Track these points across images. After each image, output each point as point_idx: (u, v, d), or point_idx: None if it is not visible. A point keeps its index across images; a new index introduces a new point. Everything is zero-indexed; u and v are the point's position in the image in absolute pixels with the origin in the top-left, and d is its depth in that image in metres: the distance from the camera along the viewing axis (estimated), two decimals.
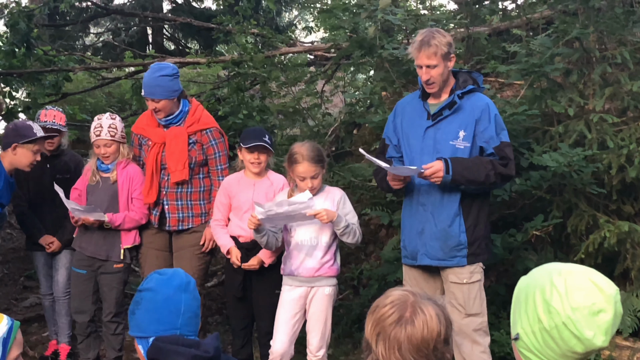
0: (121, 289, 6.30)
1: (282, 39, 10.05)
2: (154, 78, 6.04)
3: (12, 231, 10.02)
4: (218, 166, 6.18)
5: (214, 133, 6.19)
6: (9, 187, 6.20)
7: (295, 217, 5.41)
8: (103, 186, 6.24)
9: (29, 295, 8.45)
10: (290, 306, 5.60)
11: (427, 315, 2.56)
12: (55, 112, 6.80)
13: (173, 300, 3.26)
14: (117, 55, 18.27)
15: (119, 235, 6.20)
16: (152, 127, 6.24)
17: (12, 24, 9.35)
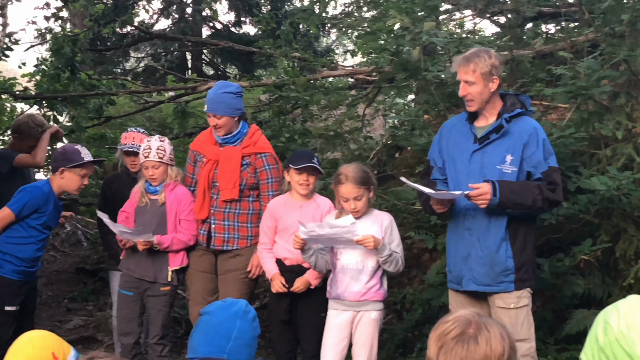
0: (168, 311, 6.29)
1: (324, 62, 10.08)
2: (217, 94, 6.10)
3: (55, 254, 10.12)
4: (269, 191, 6.15)
5: (269, 158, 6.19)
6: (57, 211, 6.26)
7: (338, 240, 5.38)
8: (151, 208, 6.25)
9: (73, 317, 8.49)
10: (337, 331, 5.56)
11: (491, 334, 2.52)
12: (135, 133, 6.79)
13: (226, 325, 3.34)
14: (156, 80, 18.45)
15: (166, 257, 6.19)
16: (208, 145, 6.27)
17: (57, 48, 9.48)
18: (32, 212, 6.11)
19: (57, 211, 6.29)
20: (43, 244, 6.30)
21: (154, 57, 20.18)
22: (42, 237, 6.23)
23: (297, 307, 5.86)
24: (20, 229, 6.13)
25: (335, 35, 21.46)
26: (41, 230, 6.18)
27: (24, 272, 6.14)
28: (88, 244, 10.65)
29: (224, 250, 6.21)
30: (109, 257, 7.04)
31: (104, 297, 8.72)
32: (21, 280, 6.14)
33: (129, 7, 17.62)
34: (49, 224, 6.22)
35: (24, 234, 6.13)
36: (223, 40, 14.36)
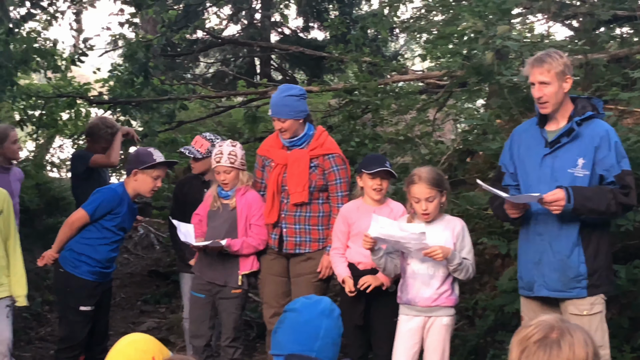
0: (239, 314, 6.32)
1: (395, 66, 10.06)
2: (281, 98, 6.14)
3: (129, 256, 10.26)
4: (338, 193, 6.16)
5: (337, 159, 6.19)
6: (131, 213, 6.35)
7: (405, 245, 5.34)
8: (223, 212, 6.29)
9: (146, 320, 8.59)
10: (408, 336, 5.52)
11: (574, 339, 2.49)
12: (198, 137, 6.88)
13: (314, 324, 3.31)
14: (225, 85, 18.61)
15: (237, 261, 6.23)
16: (275, 149, 6.30)
17: (131, 53, 9.62)
18: (106, 214, 6.21)
19: (132, 213, 6.38)
20: (117, 246, 6.40)
21: (223, 62, 20.35)
22: (116, 239, 6.32)
23: (370, 312, 5.84)
24: (94, 230, 6.23)
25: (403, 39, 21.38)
26: (115, 231, 6.27)
27: (98, 273, 6.23)
28: (160, 247, 10.78)
29: (296, 253, 6.23)
30: (180, 259, 7.11)
31: (176, 300, 8.81)
32: (96, 281, 6.23)
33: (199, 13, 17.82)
34: (123, 225, 6.31)
35: (98, 235, 6.23)
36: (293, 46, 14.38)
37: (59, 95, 11.41)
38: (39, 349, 7.82)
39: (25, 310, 7.70)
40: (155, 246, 10.89)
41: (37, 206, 9.70)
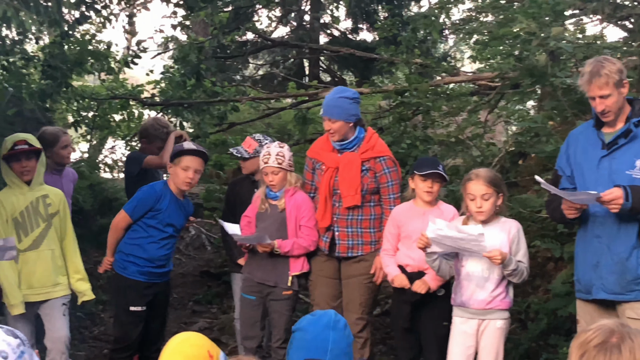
0: (290, 315, 6.34)
1: (446, 68, 10.03)
2: (334, 99, 6.16)
3: (181, 257, 10.34)
4: (390, 195, 6.16)
5: (388, 162, 6.18)
6: (179, 208, 6.38)
7: (462, 247, 5.32)
8: (271, 214, 6.30)
9: (198, 320, 8.65)
10: (463, 339, 5.51)
11: (635, 343, 2.47)
12: (247, 138, 6.93)
13: (321, 338, 3.42)
14: (274, 87, 18.67)
15: (287, 262, 6.24)
16: (326, 152, 6.30)
17: (183, 56, 9.71)
18: (147, 212, 6.25)
19: (180, 209, 6.37)
20: (166, 243, 6.36)
21: (272, 64, 20.43)
22: (163, 236, 6.31)
23: (420, 314, 5.83)
24: (139, 229, 6.29)
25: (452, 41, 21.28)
26: (161, 229, 6.28)
27: (148, 273, 6.26)
28: (212, 248, 10.85)
29: (349, 256, 6.24)
30: (231, 260, 7.14)
31: (228, 300, 8.86)
32: (147, 281, 6.27)
33: (248, 15, 17.92)
34: (168, 221, 6.29)
35: (143, 234, 6.28)
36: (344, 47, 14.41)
37: (112, 97, 11.56)
38: (92, 348, 7.92)
39: (80, 310, 7.79)
40: (206, 247, 10.96)
41: (91, 206, 9.82)
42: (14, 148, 5.99)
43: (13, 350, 3.01)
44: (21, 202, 6.01)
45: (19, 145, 5.99)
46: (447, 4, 9.88)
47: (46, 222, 6.06)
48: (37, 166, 6.07)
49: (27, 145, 6.01)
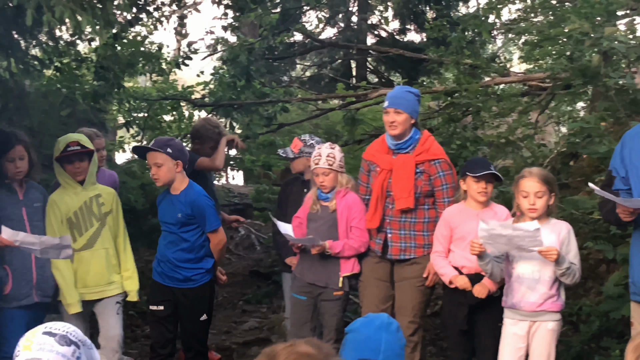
0: (341, 315, 6.34)
1: (496, 68, 9.97)
2: (401, 91, 6.21)
3: (230, 256, 10.40)
4: (444, 198, 6.11)
5: (443, 165, 6.13)
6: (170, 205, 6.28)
7: (517, 245, 5.27)
8: (322, 215, 6.30)
9: (248, 319, 8.69)
10: (514, 341, 5.48)
11: None
12: (295, 139, 6.93)
13: (373, 339, 3.41)
14: (321, 88, 18.69)
15: (338, 263, 6.24)
16: (381, 154, 6.27)
17: (233, 57, 9.78)
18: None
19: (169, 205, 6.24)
20: (170, 241, 6.22)
21: (319, 65, 20.46)
22: (166, 235, 6.28)
23: (474, 316, 5.81)
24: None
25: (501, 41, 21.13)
26: (163, 228, 6.31)
27: (161, 274, 6.25)
28: (261, 248, 10.91)
29: (401, 259, 6.22)
30: (281, 259, 7.16)
31: (277, 300, 8.90)
32: (162, 282, 6.26)
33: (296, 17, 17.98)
34: (162, 219, 6.29)
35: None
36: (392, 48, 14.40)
37: (163, 97, 11.68)
38: (144, 346, 7.98)
39: (132, 308, 7.88)
40: (256, 247, 11.02)
41: (142, 206, 9.90)
42: (67, 149, 6.04)
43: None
44: (75, 202, 6.07)
45: (71, 147, 6.04)
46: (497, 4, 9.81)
47: (100, 221, 6.12)
48: (89, 166, 6.14)
49: (79, 146, 6.07)
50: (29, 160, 5.94)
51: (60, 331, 3.07)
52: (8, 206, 5.86)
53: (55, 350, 2.99)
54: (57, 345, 3.01)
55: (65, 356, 3.00)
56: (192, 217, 6.11)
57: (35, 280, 5.88)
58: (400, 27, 20.56)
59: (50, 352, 2.98)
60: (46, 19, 4.75)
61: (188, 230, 6.15)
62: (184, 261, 6.16)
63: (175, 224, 6.14)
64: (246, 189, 13.78)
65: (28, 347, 3.01)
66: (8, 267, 5.79)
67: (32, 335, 3.05)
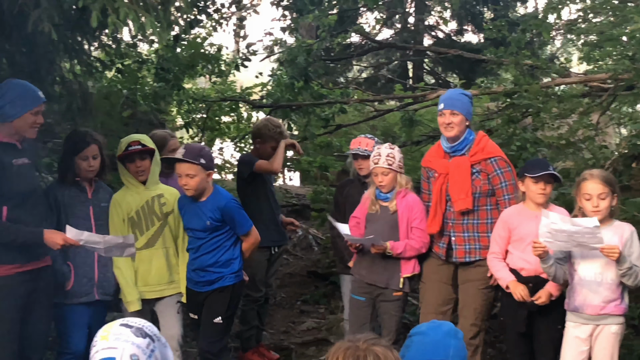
0: (400, 316, 6.34)
1: (557, 69, 9.86)
2: (456, 93, 6.24)
3: (288, 257, 10.42)
4: (505, 196, 6.08)
5: (500, 162, 6.12)
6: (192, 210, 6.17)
7: (577, 242, 5.20)
8: (382, 215, 6.29)
9: (306, 320, 8.70)
10: (576, 344, 5.44)
11: None
12: (362, 138, 6.88)
13: (442, 343, 3.40)
14: (378, 89, 18.66)
15: (398, 263, 6.23)
16: (437, 159, 6.28)
17: (292, 58, 9.82)
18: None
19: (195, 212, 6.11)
20: (195, 247, 6.13)
21: (376, 66, 20.43)
22: (191, 242, 6.18)
23: (534, 319, 5.76)
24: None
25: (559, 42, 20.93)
26: (189, 234, 6.21)
27: (188, 279, 6.18)
28: (319, 249, 10.92)
29: (466, 262, 6.19)
30: (340, 261, 7.15)
31: (335, 301, 8.89)
32: (189, 287, 6.19)
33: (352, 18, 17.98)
34: (187, 226, 6.17)
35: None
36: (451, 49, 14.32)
37: (222, 99, 11.77)
38: None
39: None
40: (313, 247, 11.03)
41: None
42: (128, 149, 6.13)
43: (143, 352, 3.10)
44: (137, 201, 6.13)
45: (132, 146, 6.12)
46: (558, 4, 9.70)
47: (161, 221, 6.16)
48: (151, 166, 6.20)
49: (140, 145, 6.14)
50: (101, 160, 6.03)
51: (137, 324, 3.17)
52: (77, 204, 5.96)
53: (131, 341, 3.09)
54: (133, 336, 3.11)
55: (140, 347, 3.09)
56: (222, 221, 6.05)
57: (97, 278, 5.96)
58: (457, 28, 20.46)
59: (126, 342, 3.08)
60: (111, 20, 4.81)
61: (217, 235, 6.08)
62: (210, 265, 6.09)
63: (204, 230, 6.06)
64: (303, 189, 13.80)
65: (105, 337, 3.11)
66: (71, 264, 5.88)
67: (110, 327, 3.15)
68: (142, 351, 3.09)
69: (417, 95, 10.86)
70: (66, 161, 5.99)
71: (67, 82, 7.26)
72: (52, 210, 5.86)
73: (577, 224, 5.14)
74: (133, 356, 3.05)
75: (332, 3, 14.58)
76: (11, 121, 5.39)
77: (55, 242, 5.43)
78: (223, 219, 6.03)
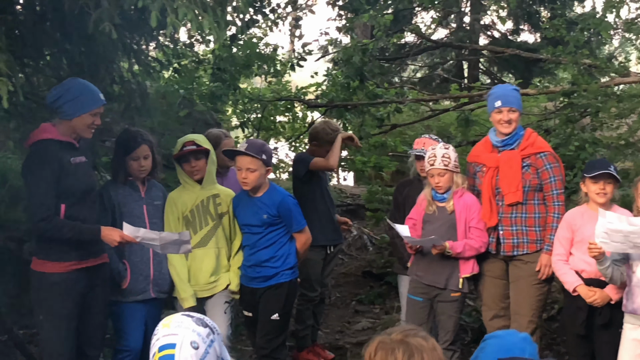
0: (458, 317, 6.32)
1: (617, 69, 9.71)
2: (509, 90, 6.29)
3: (343, 256, 10.43)
4: (553, 191, 6.09)
5: (549, 157, 6.14)
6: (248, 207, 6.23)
7: (633, 244, 5.13)
8: (440, 216, 6.27)
9: (360, 319, 8.69)
10: (633, 346, 5.40)
11: None
12: (426, 139, 6.85)
13: (518, 347, 3.41)
14: (432, 89, 18.56)
15: (457, 264, 6.20)
16: (486, 153, 6.31)
17: (347, 58, 9.81)
18: None
19: (251, 208, 6.15)
20: (252, 242, 6.17)
21: (430, 66, 20.34)
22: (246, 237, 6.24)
23: (593, 321, 5.69)
24: None
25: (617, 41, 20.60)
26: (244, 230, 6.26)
27: (243, 276, 6.24)
28: (374, 249, 10.90)
29: (514, 255, 6.18)
30: (399, 261, 7.11)
31: (390, 301, 8.88)
32: (245, 284, 6.24)
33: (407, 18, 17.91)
34: (241, 222, 6.25)
35: None
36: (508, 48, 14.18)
37: (278, 98, 11.80)
38: None
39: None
40: (368, 247, 11.01)
41: None
42: (183, 149, 6.19)
43: (203, 340, 3.15)
44: (192, 200, 6.19)
45: (187, 146, 6.19)
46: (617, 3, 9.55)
47: (215, 221, 6.20)
48: (207, 166, 6.24)
49: (195, 145, 6.19)
50: (153, 159, 6.08)
51: (198, 315, 3.27)
52: (130, 203, 6.03)
53: (191, 329, 3.16)
54: (194, 324, 3.18)
55: (200, 335, 3.15)
56: (278, 217, 6.09)
57: (153, 275, 6.03)
58: (513, 28, 20.25)
59: (187, 329, 3.15)
60: (170, 20, 4.83)
61: (273, 231, 6.12)
62: (266, 261, 6.13)
63: (261, 225, 6.10)
64: (358, 189, 13.78)
65: (167, 324, 3.19)
66: (127, 262, 5.95)
67: (172, 316, 3.24)
68: (202, 339, 3.15)
69: (474, 95, 10.78)
70: (118, 161, 6.07)
71: (126, 81, 7.33)
72: (107, 209, 5.94)
73: (634, 224, 5.08)
74: (193, 343, 3.11)
75: (387, 3, 14.54)
76: (70, 119, 5.45)
77: (112, 239, 5.49)
78: (279, 215, 6.08)
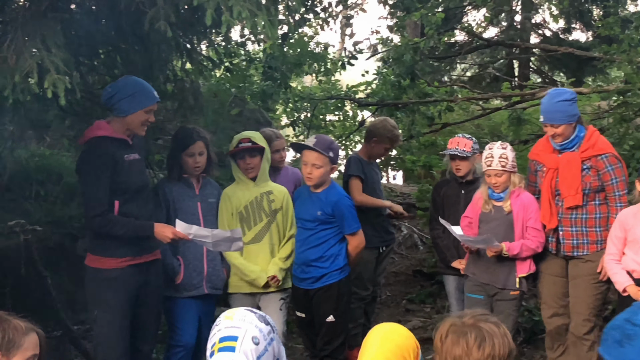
0: (516, 316, 6.36)
1: None
2: (553, 104, 6.06)
3: (393, 255, 10.40)
4: (616, 192, 6.01)
5: (610, 159, 6.04)
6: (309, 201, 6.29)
7: None
8: (496, 215, 6.26)
9: (411, 319, 8.66)
10: None
11: None
12: (460, 138, 6.84)
13: None
14: (483, 88, 18.43)
15: (514, 263, 6.19)
16: (546, 153, 6.24)
17: (398, 56, 9.79)
18: None
19: (308, 202, 6.25)
20: (303, 238, 6.25)
21: (480, 65, 20.21)
22: (299, 231, 6.32)
23: None
24: None
25: None
26: (298, 224, 6.34)
27: (295, 277, 6.32)
28: (424, 248, 10.87)
29: (575, 256, 6.14)
30: (441, 261, 7.11)
31: (441, 300, 8.85)
32: (296, 285, 6.32)
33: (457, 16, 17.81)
34: (297, 215, 6.35)
35: None
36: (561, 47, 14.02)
37: (328, 97, 11.81)
38: None
39: None
40: (419, 246, 10.99)
41: None
42: (239, 145, 6.25)
43: (264, 337, 3.17)
44: (246, 197, 6.25)
45: (243, 143, 6.24)
46: None
47: (269, 217, 6.26)
48: (261, 163, 6.28)
49: (250, 143, 6.24)
50: (208, 156, 6.14)
51: (261, 312, 3.29)
52: (185, 199, 6.10)
53: (254, 324, 3.18)
54: (257, 320, 3.20)
55: (262, 332, 3.17)
56: (331, 216, 6.12)
57: (206, 272, 6.09)
58: (565, 26, 20.03)
59: (250, 324, 3.17)
60: (224, 18, 4.85)
61: (324, 229, 6.15)
62: (315, 260, 6.16)
63: (313, 221, 6.15)
64: (407, 188, 13.75)
65: (230, 317, 3.21)
66: (181, 258, 6.01)
67: (235, 309, 3.27)
68: (263, 336, 3.17)
69: (526, 93, 10.67)
70: (173, 157, 6.15)
71: (179, 80, 7.40)
72: (161, 206, 6.00)
73: None
74: (254, 338, 3.13)
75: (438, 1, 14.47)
76: (124, 116, 5.52)
77: (165, 236, 5.54)
78: (333, 214, 6.09)
